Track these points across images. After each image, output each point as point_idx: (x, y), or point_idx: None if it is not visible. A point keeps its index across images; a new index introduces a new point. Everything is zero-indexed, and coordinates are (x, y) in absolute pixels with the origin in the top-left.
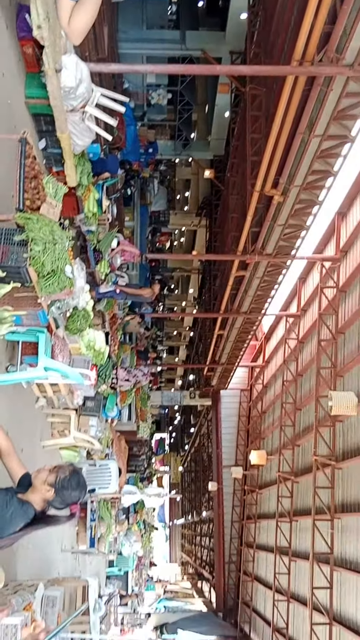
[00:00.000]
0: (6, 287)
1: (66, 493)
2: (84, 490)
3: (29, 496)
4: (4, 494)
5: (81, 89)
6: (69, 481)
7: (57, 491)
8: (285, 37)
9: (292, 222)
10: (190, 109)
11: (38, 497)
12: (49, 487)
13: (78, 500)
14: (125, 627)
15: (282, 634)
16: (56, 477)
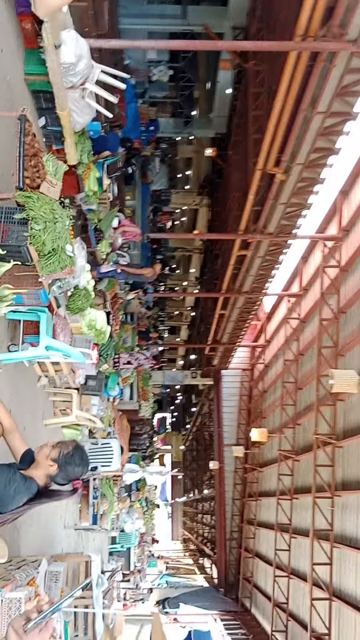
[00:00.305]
0: (6, 265)
1: (69, 468)
2: (87, 466)
3: (31, 472)
4: (6, 469)
5: (81, 65)
6: (72, 457)
7: (60, 466)
8: (288, 12)
9: (294, 201)
10: (192, 85)
11: (41, 473)
12: (52, 463)
13: (81, 476)
14: (128, 602)
15: (282, 609)
16: (59, 453)
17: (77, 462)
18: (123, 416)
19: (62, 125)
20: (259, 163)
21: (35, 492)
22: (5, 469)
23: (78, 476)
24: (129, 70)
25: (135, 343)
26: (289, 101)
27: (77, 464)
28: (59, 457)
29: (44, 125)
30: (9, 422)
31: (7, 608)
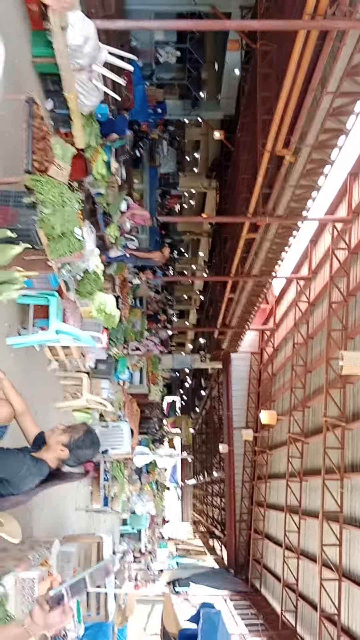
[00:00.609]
0: (17, 248)
1: (80, 452)
2: (97, 448)
3: (43, 454)
4: (18, 452)
5: (88, 47)
6: (83, 441)
7: (71, 451)
8: None
9: (303, 183)
10: (200, 67)
11: (52, 456)
12: (63, 448)
13: (91, 458)
14: (139, 583)
15: (292, 589)
16: (70, 438)
17: (88, 445)
18: (133, 400)
19: (69, 108)
20: (268, 145)
21: (46, 474)
22: (16, 452)
23: (89, 459)
24: (136, 52)
25: (145, 326)
26: (298, 81)
27: (87, 447)
28: (69, 442)
29: (52, 108)
30: (21, 405)
31: (21, 588)
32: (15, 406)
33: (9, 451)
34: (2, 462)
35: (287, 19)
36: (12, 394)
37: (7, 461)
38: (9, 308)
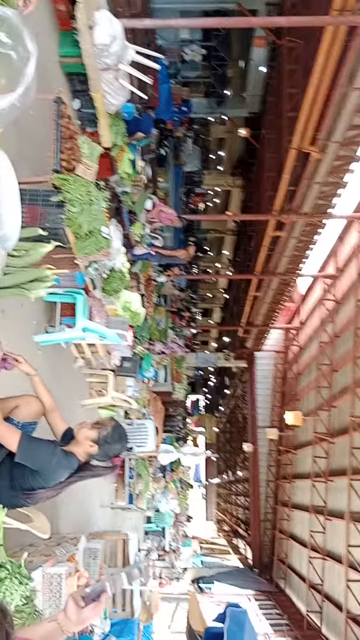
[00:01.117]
0: (48, 246)
1: (108, 447)
2: (125, 443)
3: (72, 448)
4: (49, 444)
5: (115, 46)
6: (111, 436)
7: (100, 446)
8: None
9: (330, 180)
10: (225, 64)
11: (81, 450)
12: (92, 444)
13: (120, 453)
14: (163, 581)
15: (317, 590)
16: (98, 433)
17: (116, 440)
18: (157, 398)
19: (96, 108)
20: (294, 141)
21: (76, 467)
22: (47, 443)
23: (117, 454)
24: (161, 51)
25: (169, 323)
26: (325, 78)
27: (115, 441)
28: (98, 437)
29: (79, 108)
30: (50, 402)
31: (49, 583)
32: (45, 403)
33: (41, 442)
34: (33, 454)
35: (314, 15)
36: (42, 390)
37: (38, 452)
38: (36, 306)
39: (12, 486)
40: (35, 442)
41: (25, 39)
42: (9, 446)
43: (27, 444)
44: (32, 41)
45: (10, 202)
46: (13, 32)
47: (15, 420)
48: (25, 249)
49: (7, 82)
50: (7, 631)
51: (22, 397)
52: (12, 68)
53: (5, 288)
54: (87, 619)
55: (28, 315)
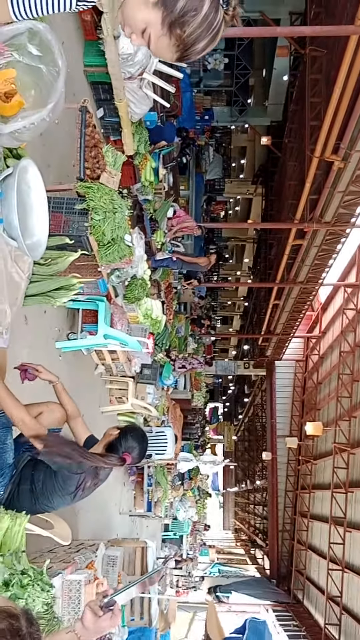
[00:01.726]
0: (74, 255)
1: (129, 437)
2: (145, 445)
3: (96, 449)
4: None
5: (139, 56)
6: (136, 431)
7: (121, 433)
8: None
9: (352, 189)
10: (248, 73)
11: (102, 445)
12: (117, 430)
13: (134, 452)
14: (181, 590)
15: (335, 602)
16: (127, 425)
17: (138, 436)
18: (176, 405)
19: (119, 116)
20: (317, 150)
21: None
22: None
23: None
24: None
25: (189, 331)
26: (348, 87)
27: (137, 436)
28: (124, 427)
29: (102, 116)
30: (73, 409)
31: (68, 590)
32: (67, 410)
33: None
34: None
35: (338, 24)
36: (65, 398)
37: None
38: (58, 313)
39: (32, 490)
40: (59, 437)
41: (55, 54)
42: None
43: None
44: (61, 56)
45: (40, 211)
46: (44, 46)
47: None
48: (51, 257)
49: (37, 94)
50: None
51: (44, 404)
52: (42, 81)
53: (31, 296)
54: (104, 629)
55: (50, 322)
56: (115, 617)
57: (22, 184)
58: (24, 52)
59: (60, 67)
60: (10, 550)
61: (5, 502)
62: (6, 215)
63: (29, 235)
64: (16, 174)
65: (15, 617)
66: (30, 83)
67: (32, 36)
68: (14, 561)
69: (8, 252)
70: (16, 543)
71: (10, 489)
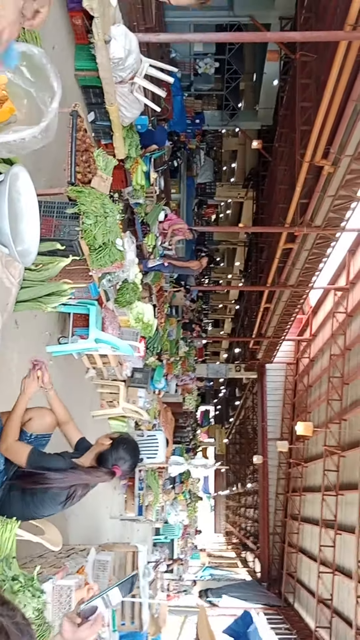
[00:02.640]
0: (65, 260)
1: (120, 449)
2: (136, 459)
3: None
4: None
5: (130, 60)
6: (129, 442)
7: (113, 444)
8: (338, 1)
9: (342, 193)
10: (238, 77)
11: (92, 455)
12: (109, 440)
13: (124, 465)
14: (172, 593)
15: (326, 605)
16: (119, 436)
17: (130, 448)
18: (167, 408)
19: (110, 120)
20: (307, 155)
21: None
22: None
23: (121, 463)
24: (174, 64)
25: (180, 336)
26: (338, 92)
27: (129, 448)
28: (117, 438)
29: (93, 120)
30: (64, 414)
31: (58, 595)
32: (58, 415)
33: (50, 456)
34: (43, 466)
35: (328, 29)
36: (57, 403)
37: (49, 464)
38: (49, 317)
39: (24, 497)
40: (44, 456)
41: (50, 78)
42: (18, 462)
43: (36, 458)
44: (57, 79)
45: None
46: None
47: (29, 433)
48: (42, 263)
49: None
50: None
51: (35, 409)
52: (31, 103)
53: (22, 302)
54: (84, 637)
55: (41, 326)
56: (95, 625)
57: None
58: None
59: (56, 91)
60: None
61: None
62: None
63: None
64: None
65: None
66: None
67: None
68: (5, 567)
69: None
70: (6, 549)
71: (1, 495)
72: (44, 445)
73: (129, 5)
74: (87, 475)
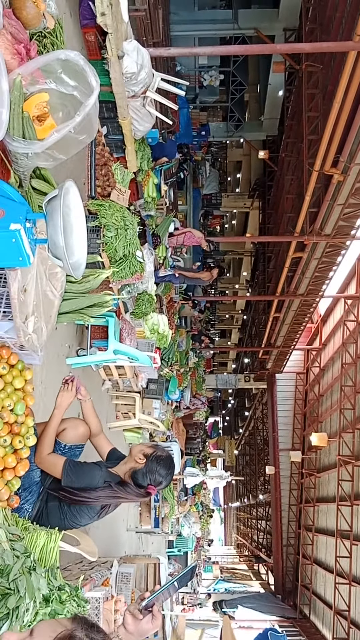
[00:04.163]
0: (106, 272)
1: (155, 467)
2: (171, 476)
3: (119, 469)
4: (94, 465)
5: (142, 75)
6: (163, 459)
7: (148, 462)
8: (344, 11)
9: (352, 202)
10: (243, 89)
11: (128, 467)
12: (143, 457)
13: (161, 481)
14: (187, 607)
15: (343, 616)
16: (154, 450)
17: (165, 466)
18: (179, 420)
19: (123, 134)
20: (316, 164)
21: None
22: (93, 465)
23: (158, 482)
24: (180, 77)
25: (189, 347)
26: (347, 101)
27: (163, 467)
28: (151, 454)
29: (106, 134)
30: (97, 426)
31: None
32: (92, 427)
33: (86, 465)
34: (78, 477)
35: (333, 40)
36: (92, 415)
37: (83, 474)
38: (67, 329)
39: (62, 508)
40: (79, 465)
41: (88, 76)
42: (54, 474)
43: (72, 469)
44: (95, 77)
45: (79, 231)
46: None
47: (63, 444)
48: (84, 275)
49: (65, 115)
50: None
51: (69, 420)
52: (71, 103)
53: (65, 313)
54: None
55: (60, 338)
56: (156, 619)
57: (63, 205)
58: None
59: (94, 87)
60: (46, 566)
61: (34, 519)
62: (51, 235)
63: (70, 254)
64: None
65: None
66: (58, 105)
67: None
68: (51, 577)
69: (43, 271)
70: (51, 559)
71: (39, 506)
72: (77, 455)
73: (137, 21)
74: (124, 495)
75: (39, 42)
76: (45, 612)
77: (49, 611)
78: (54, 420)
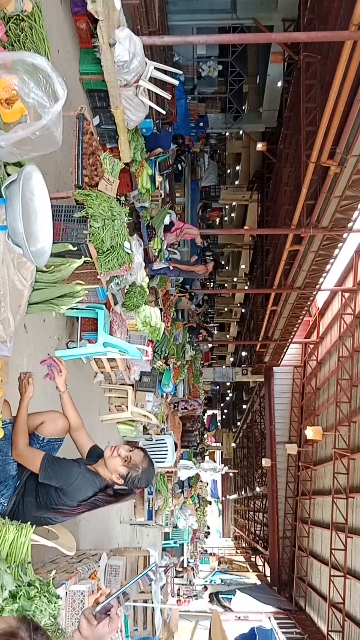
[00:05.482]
0: (77, 261)
1: (134, 484)
2: (151, 482)
3: (98, 469)
4: (73, 462)
5: (135, 63)
6: (139, 479)
7: (126, 483)
8: (341, 2)
9: (349, 194)
10: (242, 80)
11: (107, 475)
12: (120, 478)
13: (142, 484)
14: (182, 598)
15: (338, 609)
16: (128, 473)
17: (144, 483)
18: (175, 412)
19: (116, 124)
20: (313, 156)
21: (100, 487)
22: (72, 462)
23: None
24: (178, 67)
25: (186, 340)
26: (344, 92)
27: (142, 484)
28: (127, 477)
29: (98, 124)
30: (77, 420)
31: (71, 600)
32: (71, 420)
33: (65, 461)
34: (56, 473)
35: (332, 30)
36: (71, 408)
37: (62, 471)
38: (57, 321)
39: (38, 503)
40: (58, 461)
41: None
42: (32, 468)
43: (50, 465)
44: (62, 85)
45: (44, 218)
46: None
47: (41, 437)
48: (54, 264)
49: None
50: None
51: (48, 413)
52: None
53: (35, 304)
54: (103, 635)
55: (49, 331)
56: (113, 622)
57: (25, 190)
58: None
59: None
60: (16, 561)
61: (9, 513)
62: (10, 222)
63: (33, 242)
64: (20, 181)
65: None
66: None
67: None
68: (20, 573)
69: (11, 259)
70: (22, 554)
71: (15, 500)
72: (56, 449)
73: (132, 9)
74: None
75: (16, 25)
76: (12, 609)
77: (17, 607)
78: (19, 411)
